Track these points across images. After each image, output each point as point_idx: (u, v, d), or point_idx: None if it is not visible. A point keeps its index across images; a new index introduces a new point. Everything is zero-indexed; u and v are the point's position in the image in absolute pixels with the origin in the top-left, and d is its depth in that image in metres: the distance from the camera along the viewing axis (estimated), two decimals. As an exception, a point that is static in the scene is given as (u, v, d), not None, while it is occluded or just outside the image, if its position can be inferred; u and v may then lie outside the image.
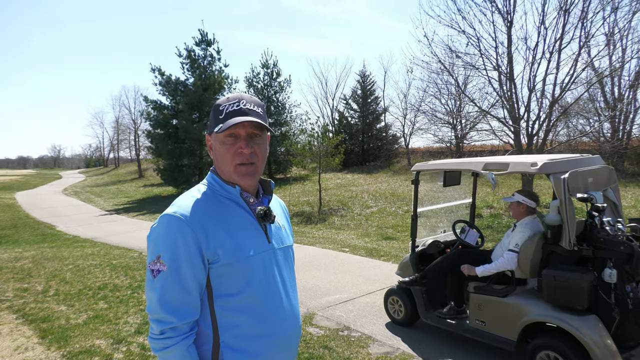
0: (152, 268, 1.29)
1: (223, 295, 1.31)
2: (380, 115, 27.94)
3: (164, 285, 1.26)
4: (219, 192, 1.39)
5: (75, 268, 7.39)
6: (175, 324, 1.26)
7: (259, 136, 1.38)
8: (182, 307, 1.27)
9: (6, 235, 12.51)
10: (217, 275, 1.30)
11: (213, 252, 1.27)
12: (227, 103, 1.36)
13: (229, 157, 1.35)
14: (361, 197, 15.82)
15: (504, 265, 3.74)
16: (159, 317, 1.27)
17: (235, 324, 1.31)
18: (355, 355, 4.00)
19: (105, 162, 64.75)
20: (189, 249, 1.26)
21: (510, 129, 11.32)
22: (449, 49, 11.50)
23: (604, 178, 3.81)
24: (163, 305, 1.26)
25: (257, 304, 1.33)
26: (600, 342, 3.03)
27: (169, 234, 1.27)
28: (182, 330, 1.27)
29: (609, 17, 10.22)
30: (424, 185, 5.06)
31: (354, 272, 6.93)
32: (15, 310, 5.22)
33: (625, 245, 3.11)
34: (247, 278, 1.31)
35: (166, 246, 1.27)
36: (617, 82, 16.56)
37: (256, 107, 1.38)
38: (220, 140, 1.36)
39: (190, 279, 1.27)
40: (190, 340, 1.29)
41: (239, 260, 1.30)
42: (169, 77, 23.26)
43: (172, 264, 1.26)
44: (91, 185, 35.05)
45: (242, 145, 1.34)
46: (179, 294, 1.26)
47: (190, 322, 1.30)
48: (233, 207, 1.38)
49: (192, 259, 1.26)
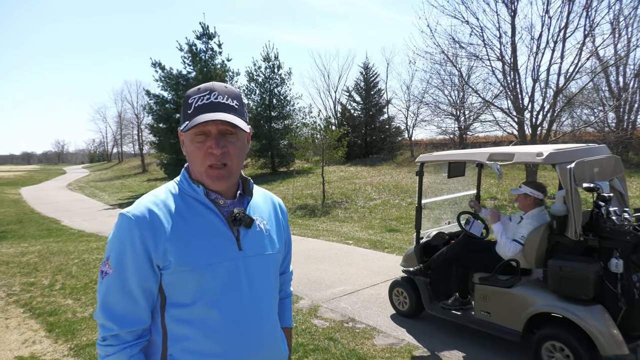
0: (101, 269, 1.20)
1: (175, 304, 1.19)
2: (383, 107, 27.84)
3: (108, 289, 1.17)
4: (187, 192, 1.26)
5: (80, 262, 7.43)
6: (116, 331, 1.16)
7: (232, 134, 1.22)
8: (125, 314, 1.16)
9: (12, 230, 12.58)
10: (168, 283, 1.18)
11: (162, 257, 1.15)
12: (197, 95, 1.21)
13: (199, 157, 1.21)
14: (364, 190, 15.80)
15: (509, 249, 3.73)
16: (101, 322, 1.18)
17: (184, 337, 1.19)
18: (360, 347, 4.01)
19: (108, 157, 64.98)
20: (135, 252, 1.15)
21: (514, 120, 11.25)
22: (452, 39, 11.43)
23: (610, 167, 3.78)
24: (104, 311, 1.17)
25: (211, 318, 1.19)
26: (606, 332, 3.02)
27: (118, 234, 1.18)
28: (124, 339, 1.17)
29: (614, 5, 10.11)
30: (428, 176, 5.04)
31: (358, 264, 6.93)
32: (22, 304, 5.26)
33: (631, 235, 3.09)
34: (201, 288, 1.18)
35: (114, 247, 1.18)
36: (622, 71, 16.40)
37: (230, 99, 1.22)
38: (189, 137, 1.21)
39: (135, 285, 1.16)
40: (135, 350, 1.17)
41: (192, 268, 1.16)
42: (170, 71, 23.20)
43: (118, 267, 1.16)
44: (95, 180, 35.18)
45: (212, 145, 1.18)
46: (122, 301, 1.16)
47: (136, 331, 1.19)
48: (198, 209, 1.24)
49: (139, 264, 1.15)
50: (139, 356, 1.19)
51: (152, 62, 22.78)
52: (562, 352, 3.22)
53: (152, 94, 23.55)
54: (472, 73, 18.49)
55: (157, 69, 23.09)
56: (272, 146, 24.86)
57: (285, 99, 26.07)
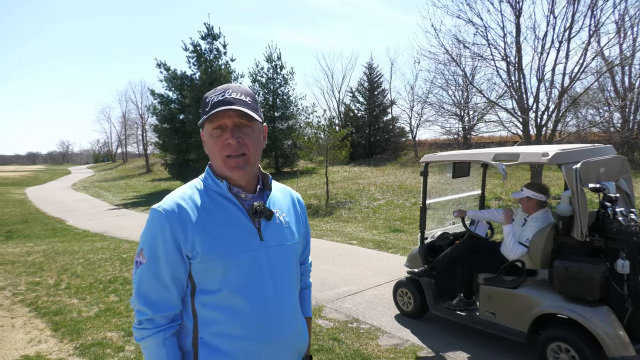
0: (135, 259, 1.32)
1: (203, 291, 1.29)
2: (387, 107, 27.78)
3: (142, 277, 1.28)
4: (211, 188, 1.36)
5: (85, 262, 7.47)
6: (150, 315, 1.26)
7: (247, 126, 1.32)
8: (158, 300, 1.27)
9: (18, 230, 12.66)
10: (197, 272, 1.28)
11: (191, 248, 1.25)
12: (213, 94, 1.32)
13: (217, 149, 1.31)
14: (368, 190, 15.79)
15: (514, 251, 3.72)
16: (137, 308, 1.28)
17: (214, 321, 1.28)
18: (364, 347, 4.00)
19: (113, 157, 65.26)
20: (166, 243, 1.25)
21: (518, 120, 11.21)
22: (457, 39, 11.41)
23: (616, 168, 3.76)
24: (139, 297, 1.27)
25: (235, 304, 1.28)
26: (612, 333, 3.00)
27: (150, 227, 1.28)
28: (158, 323, 1.27)
29: (619, 5, 10.06)
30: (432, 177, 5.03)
31: (362, 264, 6.93)
32: (28, 304, 5.29)
33: (638, 235, 3.07)
34: (226, 276, 1.27)
35: (147, 239, 1.28)
36: (627, 71, 16.31)
37: (243, 96, 1.32)
38: (208, 133, 1.32)
39: (167, 274, 1.26)
40: (168, 333, 1.27)
41: (218, 257, 1.26)
42: (175, 72, 23.27)
43: (150, 257, 1.26)
44: (100, 180, 35.33)
45: (228, 136, 1.28)
46: (155, 288, 1.27)
47: (169, 316, 1.29)
48: (222, 203, 1.34)
49: (169, 254, 1.25)
50: (172, 339, 1.29)
51: (157, 63, 22.88)
52: (568, 353, 3.21)
53: (156, 94, 23.64)
54: (476, 73, 18.47)
55: (162, 69, 23.19)
56: (276, 146, 24.89)
57: (288, 99, 26.09)
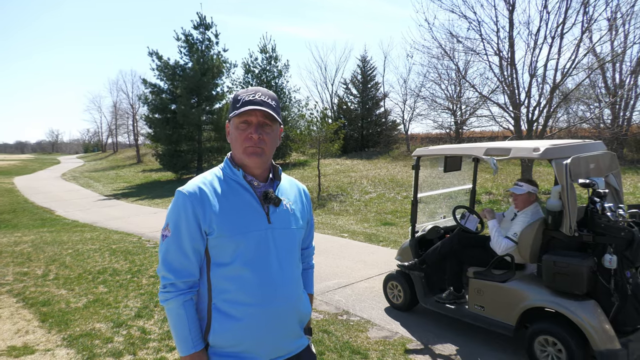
0: (162, 233, 1.53)
1: (217, 264, 1.49)
2: (380, 100, 27.77)
3: (167, 248, 1.49)
4: (229, 175, 1.57)
5: (74, 252, 7.40)
6: (173, 280, 1.48)
7: (269, 126, 1.54)
8: (180, 267, 1.49)
9: (5, 219, 12.51)
10: (212, 246, 1.49)
11: (209, 225, 1.46)
12: (245, 94, 1.53)
13: (240, 140, 1.52)
14: (360, 183, 15.81)
15: (502, 246, 3.75)
16: (162, 274, 1.50)
17: (225, 290, 1.49)
18: (354, 339, 4.02)
19: (103, 147, 64.55)
20: (188, 220, 1.47)
21: (510, 115, 11.26)
22: (450, 33, 11.43)
23: (606, 164, 3.79)
24: (165, 264, 1.49)
25: (245, 276, 1.48)
26: (598, 327, 3.04)
27: (175, 206, 1.50)
28: (180, 287, 1.48)
29: (611, 2, 10.10)
30: (424, 170, 5.03)
31: (353, 257, 6.95)
32: (15, 294, 5.24)
33: (626, 231, 3.11)
34: (237, 251, 1.47)
35: (172, 216, 1.50)
36: (618, 68, 16.42)
37: (270, 99, 1.54)
38: (235, 124, 1.53)
39: (189, 245, 1.48)
40: (187, 296, 1.49)
41: (230, 234, 1.47)
42: (167, 62, 23.01)
43: (175, 231, 1.48)
44: (90, 171, 34.98)
45: (252, 131, 1.50)
46: (178, 257, 1.48)
47: (189, 282, 1.50)
48: (237, 189, 1.55)
49: (190, 229, 1.47)
50: (190, 302, 1.50)
51: (149, 51, 22.61)
52: (555, 346, 3.25)
53: (148, 83, 23.36)
54: (469, 67, 18.52)
55: (153, 57, 22.91)
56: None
57: (282, 91, 25.94)
